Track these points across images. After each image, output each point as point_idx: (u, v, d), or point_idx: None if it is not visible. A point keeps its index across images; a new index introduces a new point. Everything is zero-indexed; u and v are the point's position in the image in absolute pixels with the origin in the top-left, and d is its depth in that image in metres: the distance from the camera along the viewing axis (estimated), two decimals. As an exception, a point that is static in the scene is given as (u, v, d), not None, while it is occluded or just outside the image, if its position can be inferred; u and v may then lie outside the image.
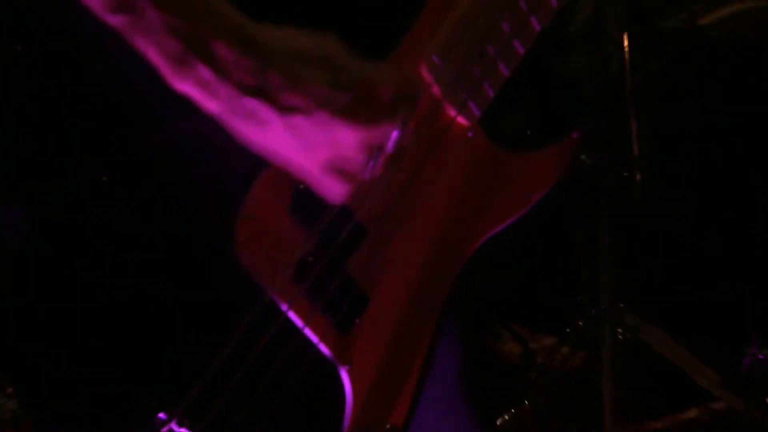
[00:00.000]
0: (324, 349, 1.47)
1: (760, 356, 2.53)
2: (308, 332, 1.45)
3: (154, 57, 1.35)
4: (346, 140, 1.40)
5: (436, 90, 1.51)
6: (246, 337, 1.44)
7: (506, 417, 2.58)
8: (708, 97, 2.93)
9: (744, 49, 2.91)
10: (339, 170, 1.43)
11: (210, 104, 1.35)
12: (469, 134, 1.54)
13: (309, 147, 1.42)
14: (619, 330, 2.72)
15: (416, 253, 1.58)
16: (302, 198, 1.45)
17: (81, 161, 1.50)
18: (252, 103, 1.37)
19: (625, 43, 2.66)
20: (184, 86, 1.35)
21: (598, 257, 2.74)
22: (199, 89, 1.35)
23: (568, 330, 2.76)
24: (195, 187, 1.48)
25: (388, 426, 1.57)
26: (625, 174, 2.78)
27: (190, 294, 1.47)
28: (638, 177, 2.81)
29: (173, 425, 1.41)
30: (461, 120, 1.52)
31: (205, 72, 1.34)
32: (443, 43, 1.51)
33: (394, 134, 1.43)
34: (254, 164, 1.44)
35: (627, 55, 2.68)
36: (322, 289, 1.48)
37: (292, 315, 1.44)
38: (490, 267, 1.71)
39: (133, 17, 1.33)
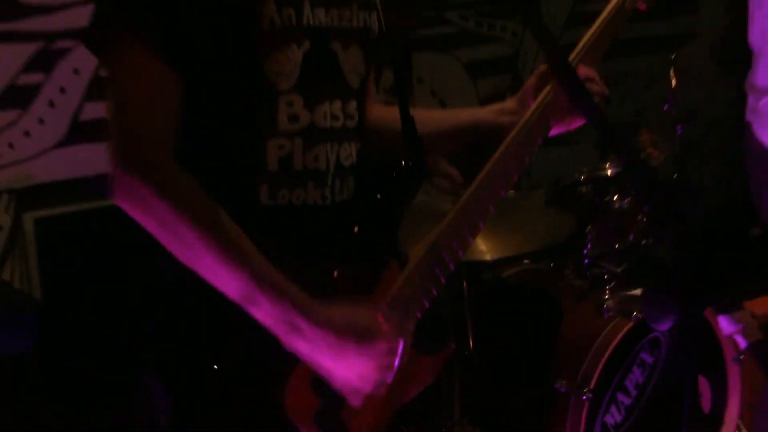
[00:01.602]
0: None
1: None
2: None
3: (231, 296, 1.50)
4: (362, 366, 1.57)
5: (385, 326, 1.63)
6: None
7: None
8: (507, 321, 3.37)
9: (527, 291, 3.39)
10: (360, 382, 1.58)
11: (271, 326, 1.52)
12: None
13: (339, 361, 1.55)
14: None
15: (370, 403, 1.67)
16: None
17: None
18: (291, 340, 1.53)
19: (465, 286, 3.03)
20: (255, 314, 1.52)
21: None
22: (263, 318, 1.52)
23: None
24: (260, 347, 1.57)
25: None
26: (466, 352, 3.01)
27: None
28: (477, 361, 3.05)
29: None
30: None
31: (261, 314, 1.51)
32: (390, 299, 1.68)
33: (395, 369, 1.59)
34: None
35: (466, 294, 3.04)
36: (327, 426, 1.65)
37: None
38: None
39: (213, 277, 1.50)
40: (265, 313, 1.50)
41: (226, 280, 1.49)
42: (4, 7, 3.30)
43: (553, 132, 1.87)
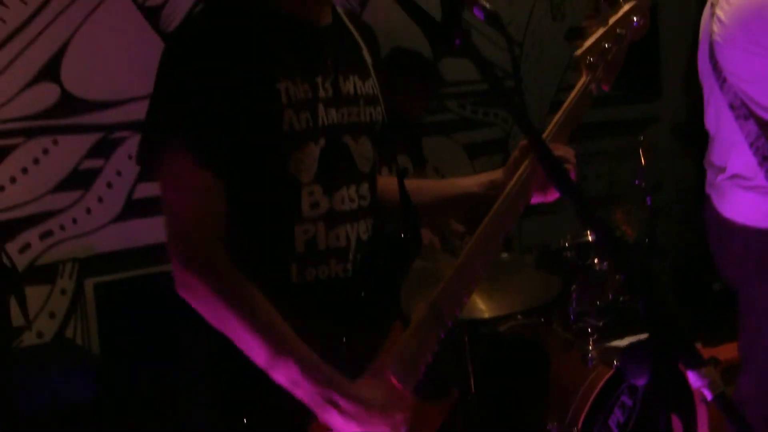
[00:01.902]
0: None
1: None
2: None
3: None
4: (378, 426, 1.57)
5: (394, 381, 1.62)
6: None
7: None
8: (503, 370, 3.36)
9: (520, 343, 3.39)
10: None
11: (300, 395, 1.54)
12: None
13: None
14: None
15: None
16: None
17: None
18: (325, 411, 1.54)
19: (466, 340, 3.03)
20: (297, 393, 1.52)
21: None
22: (303, 396, 1.53)
23: None
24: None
25: None
26: (468, 397, 3.01)
27: None
28: (478, 406, 3.05)
29: None
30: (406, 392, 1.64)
31: (301, 392, 1.53)
32: (396, 356, 1.63)
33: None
34: None
35: (467, 347, 3.02)
36: None
37: None
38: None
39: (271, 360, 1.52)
40: (305, 392, 1.54)
41: (271, 366, 1.53)
42: (71, 103, 3.51)
43: (533, 201, 1.85)
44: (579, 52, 1.87)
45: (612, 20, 1.87)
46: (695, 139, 2.92)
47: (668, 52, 5.02)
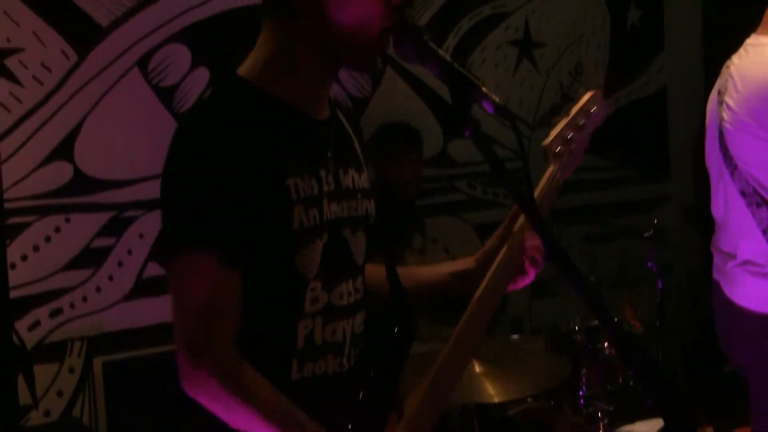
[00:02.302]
0: None
1: None
2: None
3: None
4: None
5: None
6: None
7: None
8: None
9: (530, 426, 3.37)
10: None
11: None
12: None
13: None
14: None
15: None
16: None
17: None
18: None
19: (476, 424, 3.01)
20: None
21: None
22: None
23: None
24: None
25: None
26: None
27: None
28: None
29: None
30: None
31: None
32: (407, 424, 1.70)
33: None
34: None
35: (477, 431, 3.02)
36: None
37: None
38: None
39: None
40: None
41: None
42: (84, 182, 3.57)
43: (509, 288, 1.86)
44: (546, 141, 1.93)
45: (573, 110, 1.95)
46: (705, 222, 2.92)
47: (677, 134, 5.02)
